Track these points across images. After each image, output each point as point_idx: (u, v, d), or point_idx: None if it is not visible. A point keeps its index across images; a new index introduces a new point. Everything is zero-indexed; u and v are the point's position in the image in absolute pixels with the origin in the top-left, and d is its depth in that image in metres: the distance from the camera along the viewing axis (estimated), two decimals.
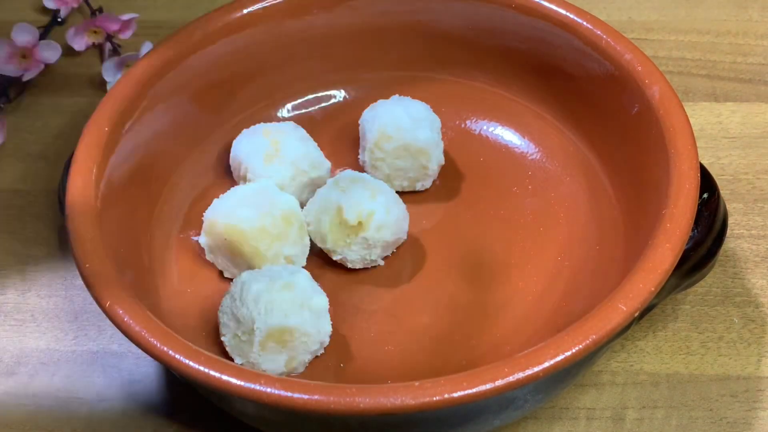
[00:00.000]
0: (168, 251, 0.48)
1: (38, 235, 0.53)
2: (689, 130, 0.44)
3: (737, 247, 0.51)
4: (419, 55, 0.53)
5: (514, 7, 0.50)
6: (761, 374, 0.46)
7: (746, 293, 0.49)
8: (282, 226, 0.45)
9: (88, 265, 0.41)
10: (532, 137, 0.52)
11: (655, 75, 0.46)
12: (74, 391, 0.47)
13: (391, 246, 0.48)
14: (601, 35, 0.48)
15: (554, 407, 0.45)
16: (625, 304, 0.39)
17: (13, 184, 0.55)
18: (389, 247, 0.47)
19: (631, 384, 0.46)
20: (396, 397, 0.36)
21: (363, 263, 0.47)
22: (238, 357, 0.43)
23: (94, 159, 0.45)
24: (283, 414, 0.40)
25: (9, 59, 0.58)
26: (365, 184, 0.47)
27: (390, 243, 0.47)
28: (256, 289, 0.42)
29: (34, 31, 0.59)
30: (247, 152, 0.49)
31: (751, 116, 0.56)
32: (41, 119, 0.58)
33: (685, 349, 0.47)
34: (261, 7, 0.50)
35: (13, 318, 0.49)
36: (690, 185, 0.42)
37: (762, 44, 0.60)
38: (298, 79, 0.53)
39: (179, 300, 0.46)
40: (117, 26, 0.60)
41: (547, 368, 0.37)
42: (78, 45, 0.60)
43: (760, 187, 0.53)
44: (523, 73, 0.52)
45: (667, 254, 0.40)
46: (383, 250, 0.47)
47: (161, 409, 0.46)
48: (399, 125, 0.49)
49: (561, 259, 0.47)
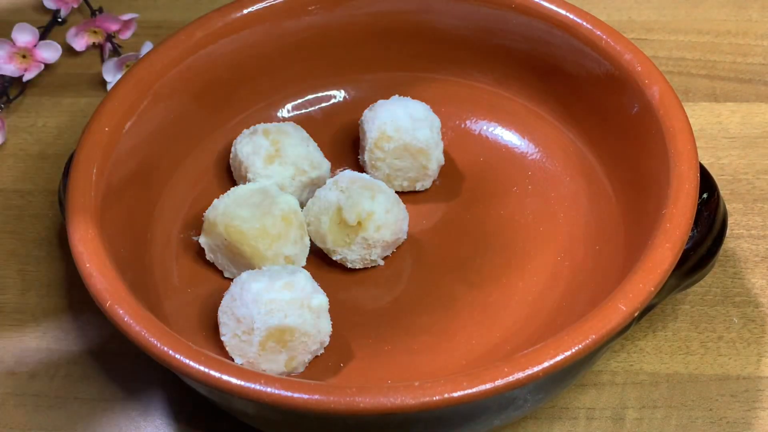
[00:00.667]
0: (168, 251, 0.48)
1: (38, 235, 0.53)
2: (689, 130, 0.44)
3: (737, 247, 0.51)
4: (419, 55, 0.53)
5: (514, 8, 0.50)
6: (761, 374, 0.46)
7: (746, 293, 0.49)
8: (282, 226, 0.45)
9: (88, 264, 0.41)
10: (532, 137, 0.52)
11: (655, 75, 0.46)
12: (74, 391, 0.47)
13: (390, 246, 0.48)
14: (600, 35, 0.48)
15: (554, 407, 0.45)
16: (624, 304, 0.39)
17: (13, 184, 0.55)
18: (389, 247, 0.47)
19: (631, 384, 0.46)
20: (396, 397, 0.36)
21: (363, 263, 0.47)
22: (238, 357, 0.43)
23: (94, 159, 0.45)
24: (283, 414, 0.40)
25: (9, 59, 0.58)
26: (365, 184, 0.47)
27: (390, 243, 0.47)
28: (256, 289, 0.42)
29: (34, 31, 0.59)
30: (247, 152, 0.49)
31: (751, 116, 0.56)
32: (41, 119, 0.58)
33: (685, 349, 0.47)
34: (261, 7, 0.50)
35: (13, 318, 0.49)
36: (690, 185, 0.42)
37: (762, 44, 0.60)
38: (298, 79, 0.53)
39: (179, 300, 0.46)
40: (117, 26, 0.60)
41: (547, 368, 0.37)
42: (78, 45, 0.60)
43: (759, 187, 0.53)
44: (523, 73, 0.52)
45: (667, 254, 0.40)
46: (383, 250, 0.47)
47: (161, 409, 0.46)
48: (399, 125, 0.49)
49: (561, 259, 0.47)
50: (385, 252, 0.48)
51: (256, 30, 0.51)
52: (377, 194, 0.46)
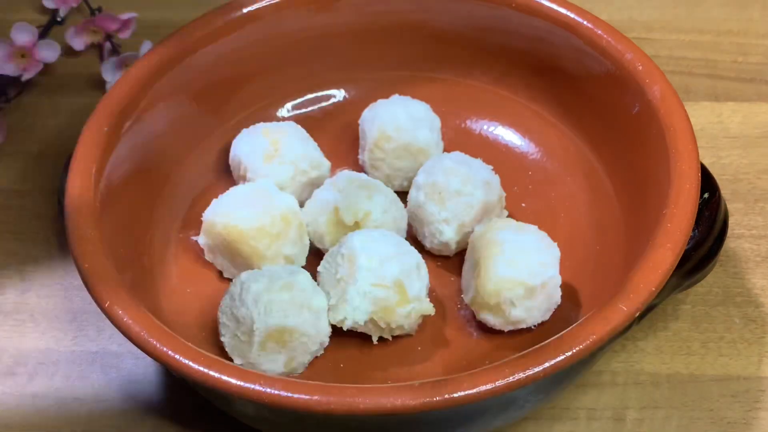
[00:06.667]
0: (168, 251, 0.48)
1: (38, 235, 0.53)
2: (690, 129, 0.44)
3: (738, 247, 0.50)
4: (419, 55, 0.53)
5: (514, 7, 0.50)
6: (762, 374, 0.46)
7: (747, 293, 0.49)
8: (281, 225, 0.45)
9: (87, 265, 0.41)
10: (532, 137, 0.52)
11: (656, 74, 0.46)
12: (74, 391, 0.47)
13: None
14: (601, 35, 0.48)
15: (555, 407, 0.45)
16: (625, 304, 0.39)
17: (13, 184, 0.55)
18: None
19: (632, 384, 0.46)
20: (396, 397, 0.36)
21: None
22: (237, 357, 0.43)
23: (94, 159, 0.45)
24: (283, 414, 0.40)
25: (8, 59, 0.58)
26: (362, 184, 0.46)
27: None
28: (256, 289, 0.42)
29: (34, 31, 0.59)
30: (246, 152, 0.49)
31: (752, 116, 0.56)
32: (41, 119, 0.58)
33: (686, 349, 0.47)
34: (261, 6, 0.50)
35: (12, 318, 0.49)
36: (690, 185, 0.42)
37: (763, 44, 0.60)
38: (298, 79, 0.53)
39: (179, 300, 0.46)
40: (116, 26, 0.60)
41: (547, 369, 0.37)
42: (77, 44, 0.60)
43: (760, 187, 0.53)
44: (523, 72, 0.52)
45: (668, 254, 0.40)
46: None
47: (161, 409, 0.46)
48: (399, 125, 0.49)
49: (561, 259, 0.47)
50: None
51: (255, 29, 0.51)
52: (374, 194, 0.46)
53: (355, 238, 0.44)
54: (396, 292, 0.43)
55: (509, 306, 0.43)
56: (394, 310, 0.43)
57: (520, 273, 0.42)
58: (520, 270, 0.42)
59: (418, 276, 0.43)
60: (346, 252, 0.43)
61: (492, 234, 0.44)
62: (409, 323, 0.44)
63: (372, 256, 0.43)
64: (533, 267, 0.43)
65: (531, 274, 0.42)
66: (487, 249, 0.43)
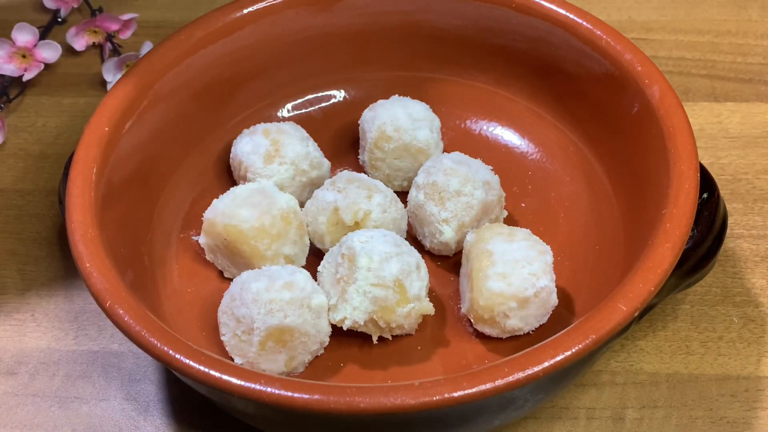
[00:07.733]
0: (168, 251, 0.48)
1: (38, 235, 0.53)
2: (689, 130, 0.44)
3: (737, 246, 0.51)
4: (419, 55, 0.53)
5: (514, 7, 0.50)
6: (761, 374, 0.46)
7: (746, 293, 0.49)
8: (281, 225, 0.45)
9: (88, 264, 0.41)
10: (532, 137, 0.52)
11: (655, 75, 0.46)
12: (74, 391, 0.47)
13: None
14: (601, 35, 0.48)
15: (554, 407, 0.45)
16: (624, 303, 0.39)
17: (13, 184, 0.55)
18: None
19: (631, 384, 0.46)
20: (396, 397, 0.36)
21: None
22: (237, 357, 0.43)
23: (94, 159, 0.45)
24: (283, 414, 0.40)
25: (9, 59, 0.58)
26: (362, 184, 0.47)
27: None
28: (256, 289, 0.42)
29: (34, 31, 0.59)
30: (247, 152, 0.49)
31: (751, 116, 0.56)
32: (41, 119, 0.58)
33: (685, 349, 0.47)
34: (261, 6, 0.50)
35: (13, 318, 0.49)
36: (690, 185, 0.42)
37: (762, 44, 0.60)
38: (298, 79, 0.53)
39: (179, 300, 0.46)
40: (117, 26, 0.60)
41: (547, 368, 0.37)
42: (78, 45, 0.60)
43: (759, 187, 0.53)
44: (522, 73, 0.52)
45: (667, 254, 0.40)
46: None
47: (161, 409, 0.46)
48: (399, 125, 0.49)
49: (561, 259, 0.47)
50: None
51: (255, 30, 0.51)
52: (374, 194, 0.46)
53: (355, 237, 0.44)
54: (396, 292, 0.43)
55: (503, 318, 0.43)
56: (394, 309, 0.43)
57: (511, 286, 0.42)
58: (511, 283, 0.42)
59: (418, 276, 0.43)
60: (346, 252, 0.43)
61: (483, 244, 0.43)
62: (409, 323, 0.44)
63: (372, 256, 0.43)
64: (524, 279, 0.42)
65: (522, 286, 0.42)
66: (478, 261, 0.43)
